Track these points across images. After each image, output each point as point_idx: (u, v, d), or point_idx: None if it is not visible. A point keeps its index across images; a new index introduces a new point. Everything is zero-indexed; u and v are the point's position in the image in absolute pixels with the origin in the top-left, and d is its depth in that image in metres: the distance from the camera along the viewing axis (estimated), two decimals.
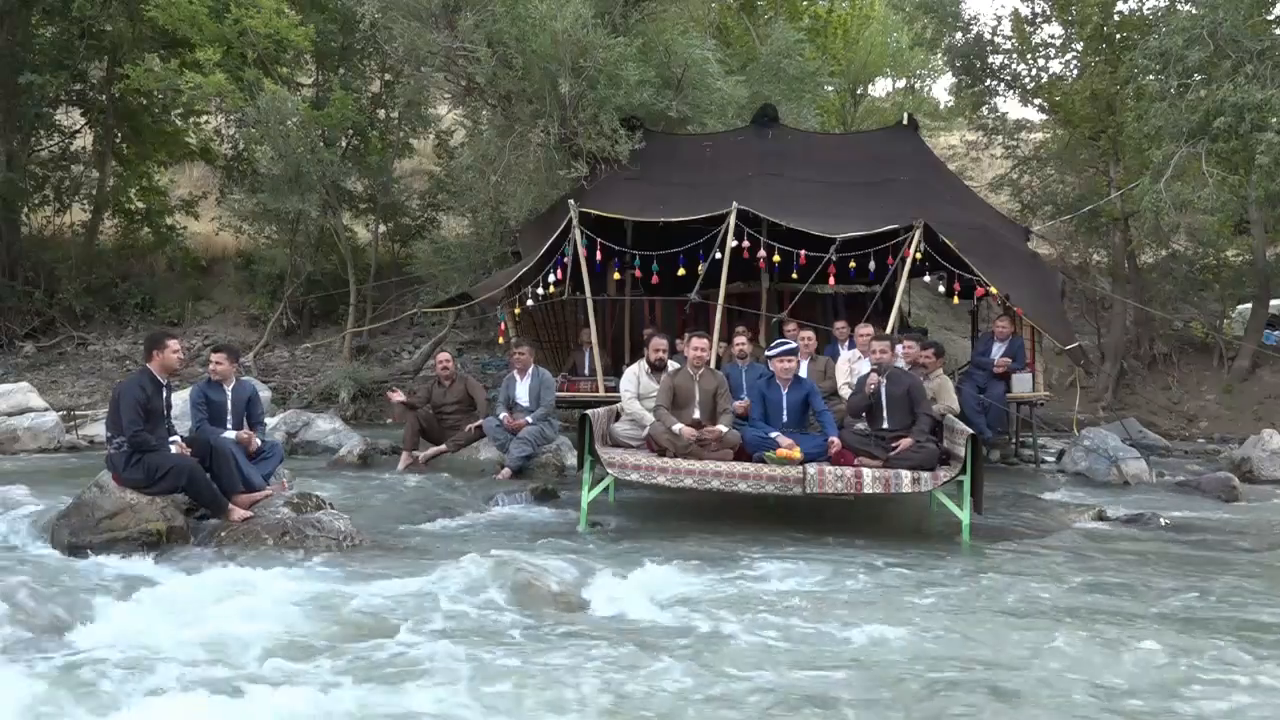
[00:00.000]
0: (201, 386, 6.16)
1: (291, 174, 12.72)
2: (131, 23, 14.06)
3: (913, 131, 11.53)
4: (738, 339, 7.28)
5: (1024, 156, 15.49)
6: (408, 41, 11.15)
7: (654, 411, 6.43)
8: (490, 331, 13.91)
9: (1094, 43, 13.56)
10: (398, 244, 16.42)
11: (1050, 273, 10.74)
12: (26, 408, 9.48)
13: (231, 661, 3.36)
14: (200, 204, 17.05)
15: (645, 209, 9.71)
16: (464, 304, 11.04)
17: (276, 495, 5.57)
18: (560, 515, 6.49)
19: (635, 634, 3.83)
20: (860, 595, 4.46)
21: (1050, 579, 4.83)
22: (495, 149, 11.34)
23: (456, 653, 3.52)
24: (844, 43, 20.39)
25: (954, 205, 9.90)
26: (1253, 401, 12.98)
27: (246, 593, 4.18)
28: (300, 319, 15.68)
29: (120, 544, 4.90)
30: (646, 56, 11.48)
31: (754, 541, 5.56)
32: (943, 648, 3.69)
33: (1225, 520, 6.70)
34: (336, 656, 3.44)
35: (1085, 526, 6.39)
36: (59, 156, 16.18)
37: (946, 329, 15.57)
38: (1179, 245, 14.41)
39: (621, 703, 3.10)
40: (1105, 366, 13.83)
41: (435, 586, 4.33)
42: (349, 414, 12.13)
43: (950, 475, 5.80)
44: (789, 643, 3.73)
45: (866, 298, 10.38)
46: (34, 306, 15.18)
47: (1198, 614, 4.25)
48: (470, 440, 8.29)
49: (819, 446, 6.06)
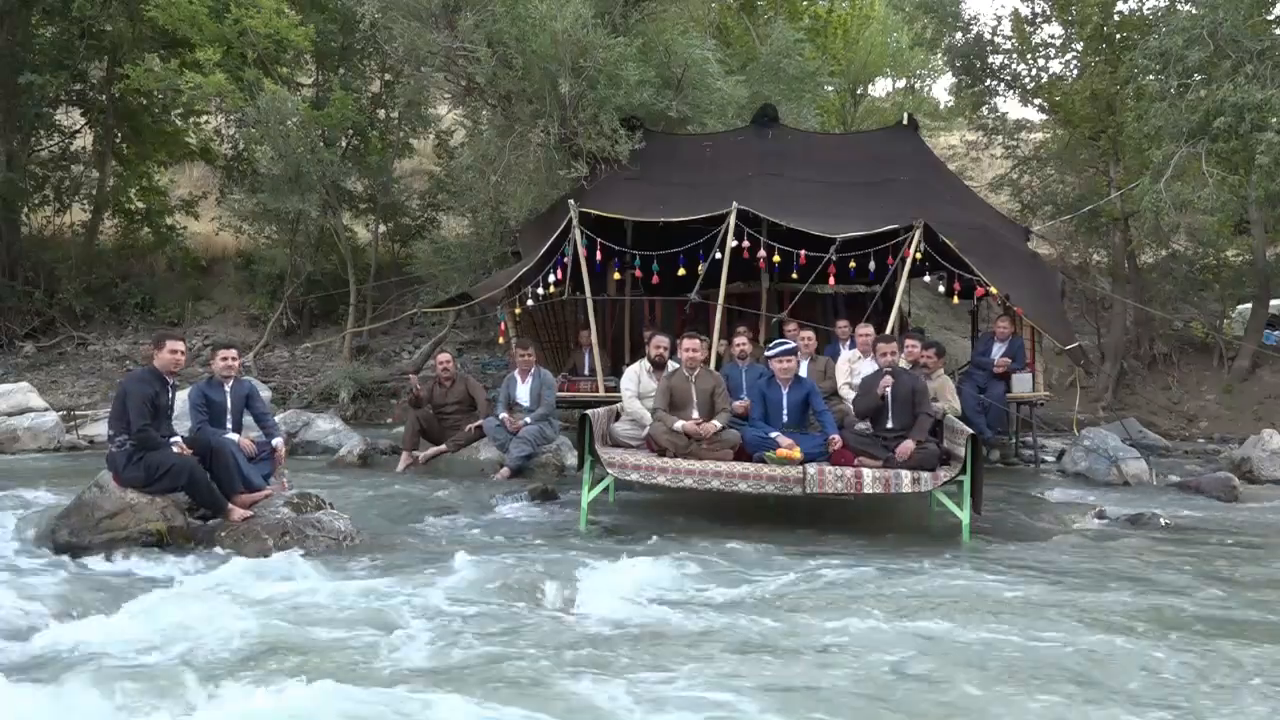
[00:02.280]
0: (201, 387, 6.16)
1: (291, 174, 12.72)
2: (131, 23, 14.06)
3: (913, 131, 11.53)
4: (738, 340, 7.28)
5: (1024, 156, 15.49)
6: (408, 41, 11.15)
7: (652, 414, 6.43)
8: (490, 331, 13.91)
9: (1094, 43, 13.56)
10: (398, 244, 16.42)
11: (1050, 273, 10.75)
12: (26, 408, 9.49)
13: (230, 661, 3.36)
14: (200, 204, 17.05)
15: (645, 209, 9.71)
16: (464, 304, 11.04)
17: (276, 495, 5.58)
18: (560, 515, 6.48)
19: (636, 634, 3.82)
20: (860, 595, 4.45)
21: (1050, 579, 4.83)
22: (495, 149, 11.34)
23: (456, 653, 3.52)
24: (844, 43, 20.38)
25: (954, 205, 9.90)
26: (1253, 401, 12.98)
27: (246, 593, 4.19)
28: (300, 319, 15.68)
29: (120, 544, 4.90)
30: (646, 56, 11.48)
31: (754, 542, 5.55)
32: (942, 648, 3.69)
33: (1225, 520, 6.70)
34: (336, 656, 3.44)
35: (1085, 526, 6.39)
36: (59, 156, 16.18)
37: (946, 329, 15.56)
38: (1179, 245, 14.41)
39: (622, 703, 3.10)
40: (1105, 366, 13.83)
41: (435, 586, 4.33)
42: (349, 414, 12.14)
43: (950, 475, 5.79)
44: (789, 642, 3.73)
45: (866, 298, 10.38)
46: (34, 306, 15.17)
47: (1198, 614, 4.25)
48: (470, 440, 8.29)
49: (819, 446, 6.06)
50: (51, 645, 3.53)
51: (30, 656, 3.41)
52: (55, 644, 3.54)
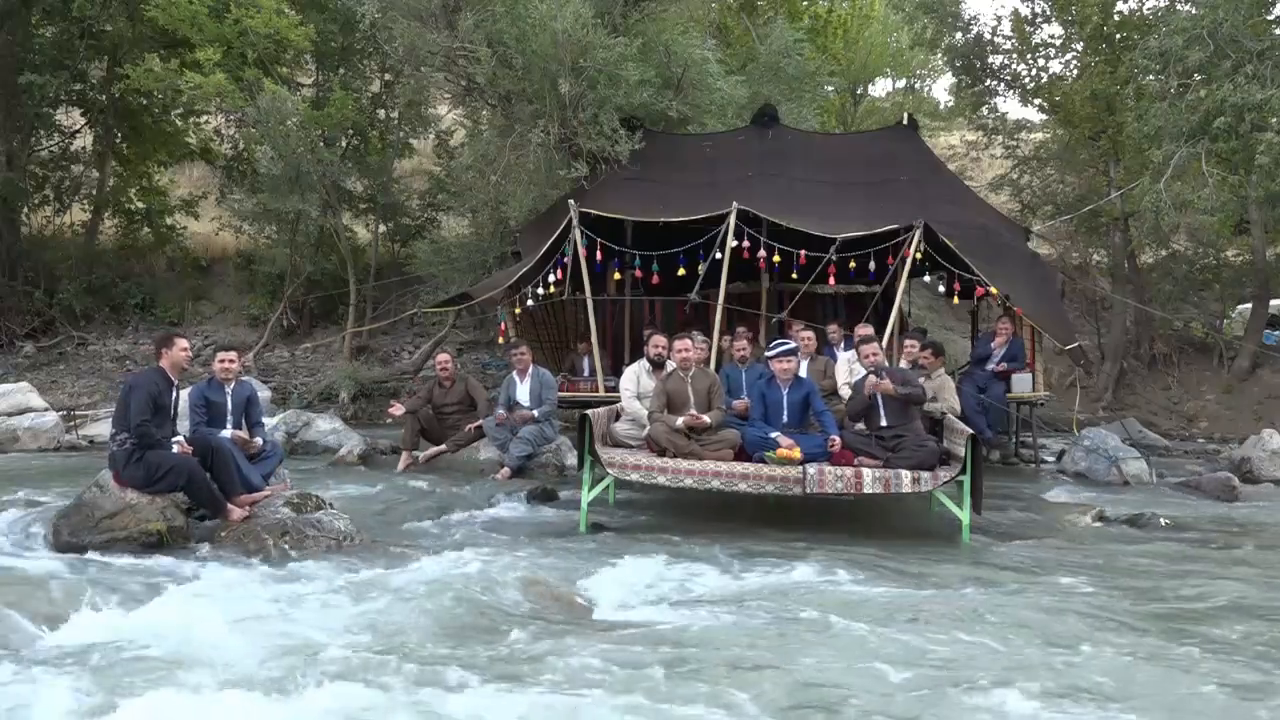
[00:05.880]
0: (201, 388, 6.16)
1: (291, 174, 12.72)
2: (131, 23, 14.06)
3: (913, 131, 11.52)
4: (738, 341, 7.27)
5: (1024, 156, 15.51)
6: (408, 41, 11.15)
7: (649, 417, 6.43)
8: (490, 331, 13.91)
9: (1094, 43, 13.57)
10: (398, 244, 16.43)
11: (1050, 273, 10.75)
12: (26, 408, 9.49)
13: (229, 661, 3.36)
14: (200, 204, 17.05)
15: (645, 209, 9.70)
16: (464, 304, 11.04)
17: (276, 495, 5.58)
18: (560, 515, 6.48)
19: (636, 634, 3.82)
20: (860, 595, 4.45)
21: (1050, 579, 4.83)
22: (495, 149, 11.34)
23: (456, 653, 3.52)
24: (844, 43, 20.39)
25: (954, 205, 9.90)
26: (1253, 401, 12.98)
27: (245, 593, 4.19)
28: (300, 319, 15.68)
29: (120, 544, 4.90)
30: (646, 56, 11.47)
31: (754, 542, 5.56)
32: (942, 648, 3.69)
33: (1225, 520, 6.70)
34: (334, 657, 3.44)
35: (1085, 527, 6.39)
36: (59, 156, 16.19)
37: (946, 329, 15.57)
38: (1179, 245, 14.42)
39: (622, 703, 3.10)
40: (1105, 366, 13.84)
41: (435, 587, 4.33)
42: (349, 414, 12.14)
43: (950, 475, 5.79)
44: (788, 642, 3.73)
45: (866, 298, 10.39)
46: (34, 306, 15.17)
47: (1198, 614, 4.25)
48: (470, 440, 8.29)
49: (819, 446, 6.06)
50: (51, 645, 3.53)
51: (30, 656, 3.41)
52: (55, 644, 3.54)
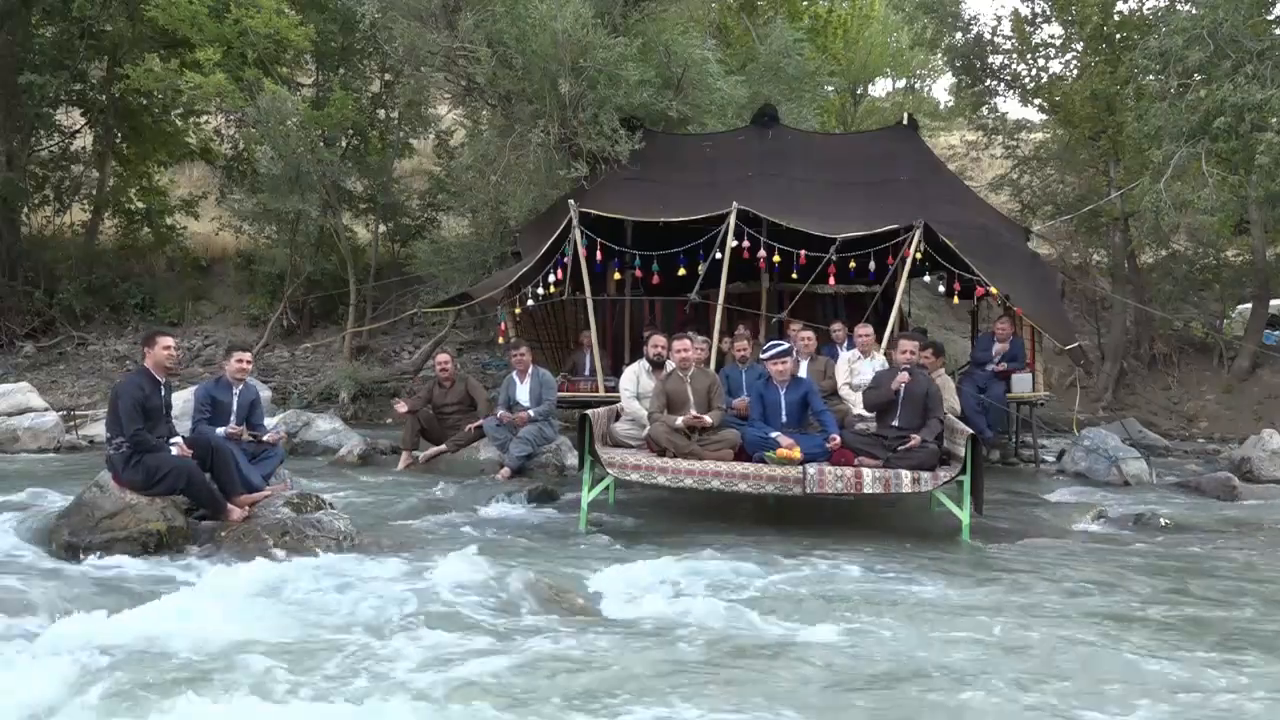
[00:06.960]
0: (208, 387, 6.15)
1: (291, 174, 12.72)
2: (131, 23, 14.06)
3: (913, 131, 11.52)
4: (738, 343, 7.27)
5: (1024, 156, 15.50)
6: (408, 41, 11.15)
7: (649, 418, 6.43)
8: (490, 331, 13.91)
9: (1094, 43, 13.57)
10: (398, 244, 16.43)
11: (1050, 273, 10.75)
12: (26, 408, 9.49)
13: (229, 662, 3.35)
14: (200, 204, 17.05)
15: (645, 209, 9.70)
16: (464, 304, 11.04)
17: (276, 495, 5.58)
18: (560, 515, 6.48)
19: (636, 634, 3.82)
20: (860, 595, 4.45)
21: (1050, 579, 4.83)
22: (495, 149, 11.34)
23: (456, 653, 3.52)
24: (844, 43, 20.39)
25: (954, 205, 9.90)
26: (1253, 401, 12.98)
27: (245, 593, 4.18)
28: (300, 319, 15.68)
29: (120, 544, 4.89)
30: (646, 56, 11.47)
31: (753, 542, 5.56)
32: (942, 648, 3.69)
33: (1225, 520, 6.70)
34: (335, 657, 3.44)
35: (1085, 527, 6.39)
36: (59, 156, 16.19)
37: (946, 329, 15.57)
38: (1179, 245, 14.41)
39: (622, 702, 3.10)
40: (1105, 366, 13.83)
41: (435, 587, 4.33)
42: (349, 414, 12.14)
43: (950, 475, 5.79)
44: (789, 642, 3.73)
45: (866, 298, 10.38)
46: (34, 306, 15.18)
47: (1198, 615, 4.25)
48: (470, 440, 8.29)
49: (819, 446, 6.06)
50: (51, 645, 3.52)
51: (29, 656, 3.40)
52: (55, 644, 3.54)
